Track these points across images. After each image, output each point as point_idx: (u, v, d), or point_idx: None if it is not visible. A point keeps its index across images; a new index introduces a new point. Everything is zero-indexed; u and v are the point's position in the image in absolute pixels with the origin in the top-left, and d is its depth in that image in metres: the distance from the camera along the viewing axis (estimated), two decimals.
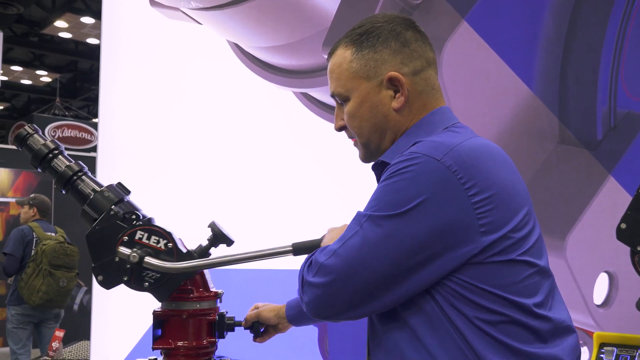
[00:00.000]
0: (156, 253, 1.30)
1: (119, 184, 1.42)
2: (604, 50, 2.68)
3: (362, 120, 1.19)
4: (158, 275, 1.30)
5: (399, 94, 1.17)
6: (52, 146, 1.45)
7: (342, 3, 2.87)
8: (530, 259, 1.07)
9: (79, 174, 1.43)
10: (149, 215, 1.42)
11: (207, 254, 1.37)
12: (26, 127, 1.49)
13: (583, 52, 2.69)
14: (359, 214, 1.08)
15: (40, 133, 1.51)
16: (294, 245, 1.31)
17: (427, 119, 1.17)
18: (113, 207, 1.36)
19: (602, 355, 1.87)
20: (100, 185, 1.42)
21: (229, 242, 1.37)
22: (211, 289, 1.42)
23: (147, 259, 1.27)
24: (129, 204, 1.41)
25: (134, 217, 1.36)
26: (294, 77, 3.05)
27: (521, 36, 2.72)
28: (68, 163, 1.45)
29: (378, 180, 1.22)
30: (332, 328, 2.98)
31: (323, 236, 1.30)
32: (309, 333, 3.00)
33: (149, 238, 1.32)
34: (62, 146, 1.51)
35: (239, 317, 1.56)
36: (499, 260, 1.03)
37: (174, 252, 1.31)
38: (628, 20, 2.70)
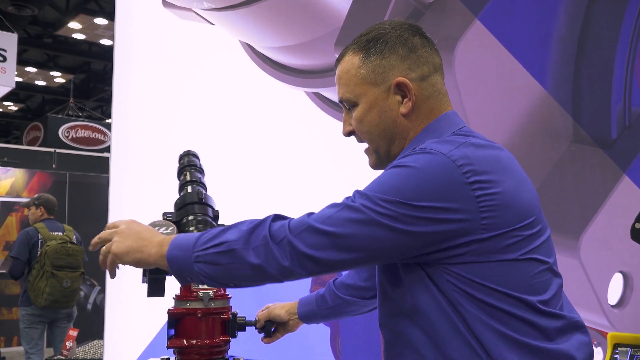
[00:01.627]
0: None
1: None
2: (619, 49, 2.66)
3: (371, 125, 1.21)
4: None
5: (407, 99, 1.19)
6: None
7: (354, 2, 2.87)
8: (540, 256, 1.09)
9: None
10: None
11: None
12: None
13: (597, 50, 2.68)
14: (355, 192, 1.09)
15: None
16: None
17: (434, 125, 1.20)
18: None
19: (616, 356, 1.86)
20: None
21: None
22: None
23: None
24: None
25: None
26: (306, 77, 3.05)
27: (534, 35, 2.70)
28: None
29: None
30: (344, 327, 2.98)
31: None
32: (320, 333, 3.00)
33: None
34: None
35: (250, 318, 1.57)
36: (507, 259, 1.05)
37: None
38: None
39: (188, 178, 1.69)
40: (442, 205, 1.03)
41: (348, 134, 1.29)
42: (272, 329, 1.67)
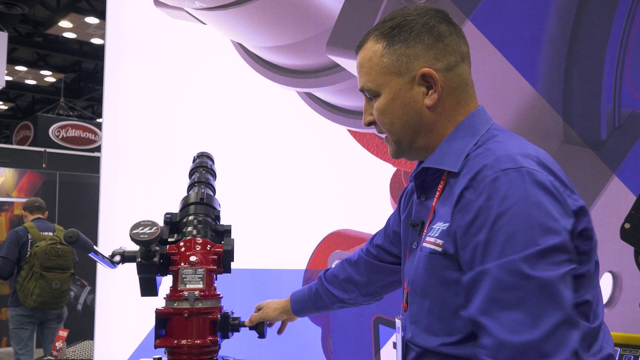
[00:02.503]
0: None
1: None
2: (609, 50, 2.67)
3: (394, 117, 1.15)
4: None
5: (432, 90, 1.13)
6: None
7: (346, 3, 2.87)
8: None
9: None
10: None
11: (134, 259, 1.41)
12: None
13: (587, 52, 2.69)
14: (510, 263, 0.94)
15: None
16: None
17: (467, 122, 1.15)
18: None
19: None
20: None
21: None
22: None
23: None
24: None
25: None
26: (298, 77, 3.05)
27: (525, 36, 2.71)
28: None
29: (420, 187, 1.19)
30: (335, 327, 2.98)
31: None
32: (312, 333, 2.99)
33: None
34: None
35: (245, 318, 1.56)
36: (592, 271, 1.03)
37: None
38: (632, 20, 2.69)
39: (196, 179, 1.71)
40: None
41: (369, 124, 1.22)
42: (266, 329, 1.67)
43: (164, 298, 1.42)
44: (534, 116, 2.66)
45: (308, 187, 3.05)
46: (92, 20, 11.31)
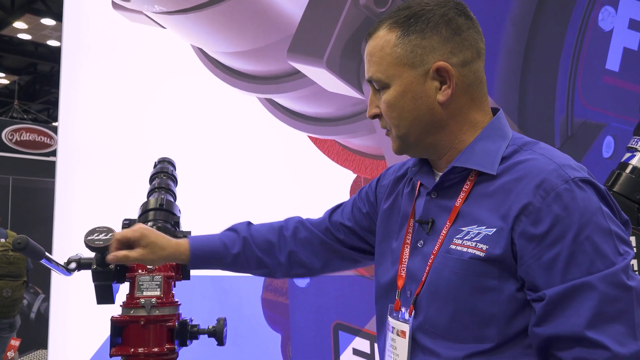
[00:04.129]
0: None
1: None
2: (562, 61, 2.75)
3: (403, 111, 1.08)
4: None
5: (446, 86, 1.06)
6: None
7: (307, 10, 2.88)
8: None
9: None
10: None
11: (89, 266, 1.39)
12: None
13: (542, 62, 2.76)
14: (604, 279, 0.94)
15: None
16: None
17: (496, 124, 1.11)
18: None
19: None
20: None
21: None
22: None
23: None
24: None
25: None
26: (259, 83, 3.04)
27: None
28: None
29: (438, 185, 1.12)
30: (295, 334, 2.97)
31: None
32: (272, 339, 2.99)
33: None
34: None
35: (204, 325, 1.54)
36: None
37: None
38: (585, 32, 2.78)
39: (156, 185, 1.70)
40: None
41: (373, 116, 1.14)
42: (225, 335, 1.46)
43: (120, 306, 1.40)
44: None
45: (268, 194, 3.04)
46: (48, 21, 11.07)
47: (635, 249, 1.85)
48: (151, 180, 1.75)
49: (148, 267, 1.39)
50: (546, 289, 0.95)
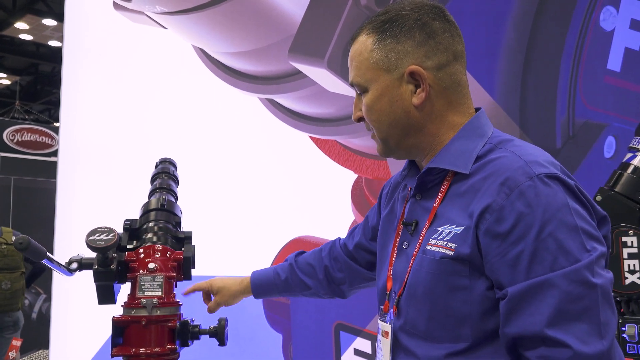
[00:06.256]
0: None
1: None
2: (563, 61, 2.75)
3: (381, 114, 1.11)
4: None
5: (420, 89, 1.08)
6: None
7: (308, 10, 2.88)
8: None
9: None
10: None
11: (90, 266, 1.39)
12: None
13: (543, 62, 2.76)
14: (569, 274, 0.92)
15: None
16: None
17: (474, 123, 1.11)
18: None
19: None
20: None
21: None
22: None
23: None
24: None
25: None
26: (260, 83, 3.04)
27: (483, 46, 2.77)
28: None
29: (418, 186, 1.13)
30: (296, 334, 2.97)
31: None
32: (273, 339, 2.99)
33: None
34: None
35: (205, 325, 1.54)
36: None
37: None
38: (586, 33, 2.78)
39: (158, 185, 1.69)
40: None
41: (358, 119, 1.18)
42: (227, 336, 1.64)
43: (122, 306, 1.40)
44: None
45: (270, 194, 3.04)
46: (49, 22, 11.08)
47: (635, 249, 1.85)
48: (152, 180, 1.75)
49: (149, 267, 1.39)
50: (510, 287, 0.95)
